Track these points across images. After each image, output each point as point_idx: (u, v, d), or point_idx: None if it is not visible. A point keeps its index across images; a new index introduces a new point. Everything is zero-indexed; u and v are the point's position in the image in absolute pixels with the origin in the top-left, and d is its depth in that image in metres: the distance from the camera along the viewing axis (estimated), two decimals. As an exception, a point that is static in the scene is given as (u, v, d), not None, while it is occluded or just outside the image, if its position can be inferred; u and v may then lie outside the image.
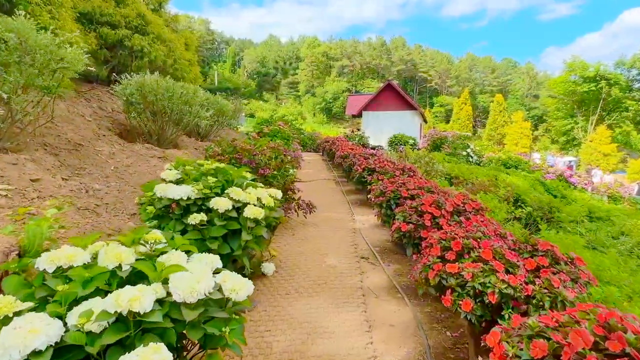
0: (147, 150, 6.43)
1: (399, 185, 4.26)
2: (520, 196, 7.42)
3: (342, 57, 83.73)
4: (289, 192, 5.56)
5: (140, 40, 9.30)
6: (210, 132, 10.65)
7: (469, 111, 51.33)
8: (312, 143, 21.45)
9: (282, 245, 4.81)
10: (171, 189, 3.12)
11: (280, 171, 5.24)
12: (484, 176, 10.16)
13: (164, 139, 7.28)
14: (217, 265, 2.11)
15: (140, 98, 6.71)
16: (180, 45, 11.43)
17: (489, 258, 2.05)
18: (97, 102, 7.93)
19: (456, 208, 3.15)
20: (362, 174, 6.60)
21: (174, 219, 3.16)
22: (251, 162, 4.97)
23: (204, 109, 7.78)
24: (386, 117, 24.17)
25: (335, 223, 5.82)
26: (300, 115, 61.85)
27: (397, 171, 5.51)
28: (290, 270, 4.01)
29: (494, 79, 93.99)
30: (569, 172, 16.52)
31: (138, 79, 6.74)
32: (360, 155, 7.82)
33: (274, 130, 9.79)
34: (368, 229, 5.57)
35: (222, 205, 3.03)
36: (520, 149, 33.71)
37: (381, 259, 4.24)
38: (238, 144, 4.83)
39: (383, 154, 8.55)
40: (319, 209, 6.47)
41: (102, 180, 4.78)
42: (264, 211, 3.24)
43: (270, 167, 5.16)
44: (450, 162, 14.47)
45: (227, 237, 3.18)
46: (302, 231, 5.41)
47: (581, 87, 35.43)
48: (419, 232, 3.14)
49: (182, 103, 7.04)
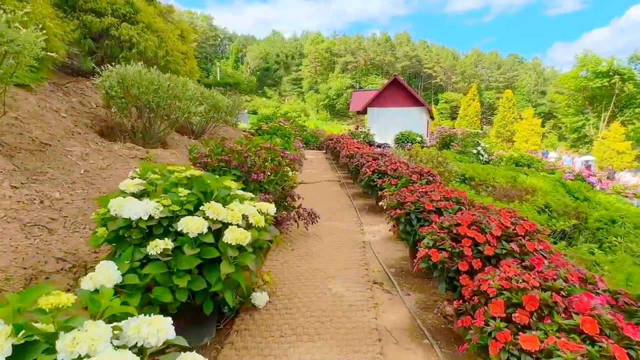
0: (127, 150, 5.68)
1: (421, 194, 3.49)
2: (549, 204, 6.61)
3: (345, 53, 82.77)
4: (288, 200, 4.81)
5: (129, 29, 8.53)
6: (206, 129, 9.90)
7: (477, 107, 50.19)
8: (315, 141, 20.69)
9: (278, 264, 4.06)
10: (128, 205, 2.37)
11: (278, 175, 4.48)
12: (501, 177, 9.34)
13: (149, 137, 6.54)
14: (168, 336, 1.38)
15: (122, 91, 5.97)
16: (174, 36, 10.64)
17: (594, 331, 1.29)
18: (79, 96, 7.18)
19: (505, 231, 2.37)
20: (372, 177, 5.83)
21: (132, 244, 2.42)
22: (242, 165, 4.21)
23: (195, 104, 7.02)
24: (392, 114, 23.32)
25: (341, 235, 5.05)
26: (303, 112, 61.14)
27: (414, 175, 4.72)
28: (287, 300, 3.25)
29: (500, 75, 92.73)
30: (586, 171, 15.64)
31: (119, 69, 5.99)
32: (368, 155, 7.03)
33: (273, 127, 9.02)
34: (380, 242, 4.80)
35: (194, 228, 2.29)
36: (530, 146, 32.66)
37: (398, 285, 3.47)
38: (228, 144, 4.08)
39: (393, 153, 7.75)
40: (323, 217, 5.71)
41: (65, 187, 4.04)
42: (251, 233, 2.49)
43: (265, 170, 4.40)
44: (462, 161, 13.64)
45: (203, 267, 2.44)
46: (302, 245, 4.65)
47: (593, 83, 34.28)
48: (455, 263, 2.37)
49: (170, 97, 6.28)
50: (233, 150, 4.03)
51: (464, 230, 2.44)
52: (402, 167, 5.77)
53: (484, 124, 65.98)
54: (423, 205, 3.31)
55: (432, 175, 4.79)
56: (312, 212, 4.81)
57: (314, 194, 7.62)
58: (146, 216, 2.35)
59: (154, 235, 2.41)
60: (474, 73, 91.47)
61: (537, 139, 36.02)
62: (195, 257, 2.35)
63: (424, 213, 3.30)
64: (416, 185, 3.81)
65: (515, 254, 2.28)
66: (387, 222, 5.54)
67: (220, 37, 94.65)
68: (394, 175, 5.21)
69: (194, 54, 16.79)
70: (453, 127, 37.20)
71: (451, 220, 2.66)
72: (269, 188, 4.32)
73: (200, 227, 2.30)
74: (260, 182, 4.24)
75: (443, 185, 4.96)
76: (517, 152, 21.13)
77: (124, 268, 2.26)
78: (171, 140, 7.73)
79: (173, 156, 6.33)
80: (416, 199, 3.45)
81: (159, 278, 2.32)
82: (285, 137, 9.10)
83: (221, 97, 9.47)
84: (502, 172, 10.15)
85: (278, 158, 4.47)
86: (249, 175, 4.19)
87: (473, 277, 2.31)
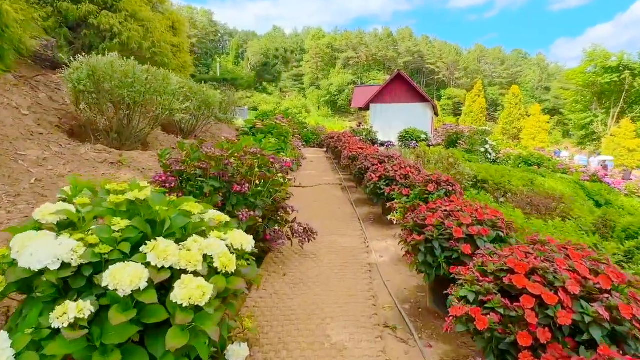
0: (96, 153, 4.94)
1: (445, 215, 2.73)
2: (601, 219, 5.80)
3: (347, 49, 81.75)
4: (280, 213, 4.06)
5: (110, 18, 7.78)
6: (196, 127, 9.15)
7: (482, 104, 49.05)
8: (315, 138, 19.94)
9: (266, 296, 3.31)
10: (31, 247, 1.64)
11: (267, 186, 3.73)
12: (517, 180, 8.56)
13: (126, 138, 5.79)
14: None
15: (93, 85, 5.22)
16: (162, 27, 9.87)
17: None
18: (50, 91, 6.43)
19: (584, 286, 1.62)
20: (378, 184, 5.07)
21: (41, 302, 1.69)
22: (223, 174, 3.46)
23: (179, 99, 6.27)
24: (396, 110, 22.49)
25: (343, 253, 4.29)
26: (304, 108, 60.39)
27: (430, 185, 3.96)
28: (272, 353, 2.51)
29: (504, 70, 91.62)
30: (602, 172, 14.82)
31: (89, 60, 5.24)
32: (373, 158, 6.27)
33: (268, 125, 8.24)
34: (389, 264, 4.04)
35: (125, 282, 1.55)
36: (538, 143, 31.70)
37: (416, 330, 2.73)
38: (206, 148, 3.33)
39: (401, 155, 6.99)
40: (322, 229, 4.97)
41: (5, 202, 3.30)
42: (216, 283, 1.76)
43: (252, 179, 3.66)
44: (471, 160, 12.87)
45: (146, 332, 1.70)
46: (297, 268, 3.91)
47: (602, 78, 33.26)
48: (510, 332, 1.62)
49: (149, 92, 5.53)
50: (210, 157, 3.27)
51: (522, 282, 1.68)
52: (413, 172, 5.01)
53: (487, 121, 65.11)
54: (450, 232, 2.55)
55: (451, 185, 4.02)
56: (309, 228, 4.06)
57: (312, 199, 6.87)
58: (56, 264, 1.61)
59: (73, 289, 1.69)
60: (477, 69, 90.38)
61: (544, 136, 34.96)
62: (130, 325, 1.60)
63: (451, 241, 2.54)
64: (438, 202, 3.04)
65: (605, 323, 1.53)
66: (396, 237, 4.81)
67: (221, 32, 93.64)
68: (405, 183, 4.44)
69: (194, 49, 15.94)
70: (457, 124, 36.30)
71: (497, 262, 1.90)
72: (255, 201, 3.57)
73: (135, 280, 1.56)
74: (244, 194, 3.49)
75: (463, 194, 4.21)
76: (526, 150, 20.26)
77: (20, 343, 1.54)
78: (154, 140, 6.98)
79: (152, 159, 5.58)
80: (439, 221, 2.69)
81: (77, 355, 1.58)
82: (282, 137, 8.34)
83: (212, 92, 8.71)
84: (518, 173, 9.36)
85: (267, 165, 3.72)
86: (231, 187, 3.44)
87: (537, 353, 1.58)
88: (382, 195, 4.97)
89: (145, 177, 4.85)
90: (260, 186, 3.75)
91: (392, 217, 4.20)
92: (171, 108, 6.02)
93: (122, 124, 5.66)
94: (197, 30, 77.46)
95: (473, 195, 5.22)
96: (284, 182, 4.15)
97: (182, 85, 7.76)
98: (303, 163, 11.08)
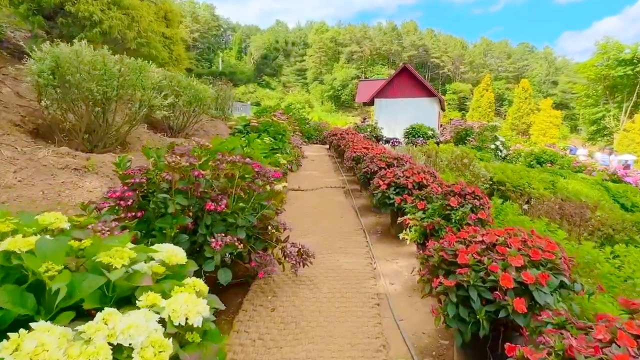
0: (58, 157, 4.24)
1: (483, 250, 2.01)
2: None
3: (351, 43, 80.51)
4: (270, 231, 3.34)
5: (89, 5, 7.05)
6: (187, 124, 8.43)
7: (491, 98, 47.68)
8: (318, 135, 19.19)
9: (247, 343, 2.61)
10: None
11: (251, 201, 3.01)
12: (538, 182, 7.78)
13: (99, 138, 5.09)
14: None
15: (57, 78, 4.51)
16: (150, 15, 9.11)
17: None
18: (15, 85, 5.74)
19: None
20: (387, 192, 4.34)
21: None
22: (195, 187, 2.75)
23: (162, 94, 5.55)
24: (402, 105, 21.64)
25: (346, 279, 3.57)
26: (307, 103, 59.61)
27: (452, 198, 3.22)
28: None
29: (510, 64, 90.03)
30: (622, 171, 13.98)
31: (52, 49, 4.53)
32: (380, 160, 5.53)
33: (264, 123, 7.50)
34: (402, 295, 3.32)
35: None
36: (548, 139, 30.66)
37: (443, 405, 2.01)
38: (174, 156, 2.62)
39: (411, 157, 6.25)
40: (321, 246, 4.28)
41: None
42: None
43: (233, 192, 2.94)
44: (483, 159, 12.07)
45: None
46: (288, 300, 3.19)
47: (615, 71, 32.10)
48: None
49: (123, 86, 4.82)
50: (175, 167, 2.55)
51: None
52: (428, 179, 4.28)
53: (494, 116, 63.92)
54: (494, 278, 1.82)
55: (477, 198, 3.27)
56: (304, 250, 3.35)
57: (312, 206, 6.15)
58: None
59: None
60: (483, 63, 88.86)
61: (555, 131, 33.75)
62: None
63: (496, 292, 1.81)
64: (471, 230, 2.32)
65: None
66: (407, 255, 4.09)
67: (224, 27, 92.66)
68: (420, 195, 3.70)
69: (196, 43, 15.03)
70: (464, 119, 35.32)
71: (584, 350, 1.18)
72: (236, 221, 2.85)
73: None
74: (221, 212, 2.78)
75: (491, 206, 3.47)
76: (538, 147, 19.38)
77: None
78: (135, 140, 6.26)
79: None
80: (476, 260, 1.96)
81: None
82: (280, 135, 7.60)
83: (203, 87, 7.98)
84: (536, 174, 8.57)
85: (250, 175, 3.00)
86: (203, 204, 2.73)
87: None
88: (392, 205, 4.25)
89: (115, 184, 4.16)
90: (243, 201, 3.03)
91: (404, 235, 3.48)
92: (151, 104, 5.32)
93: (93, 122, 4.96)
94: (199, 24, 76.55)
95: (497, 205, 4.48)
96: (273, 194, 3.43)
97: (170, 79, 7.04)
98: (303, 162, 10.36)
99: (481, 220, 3.11)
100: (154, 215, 2.76)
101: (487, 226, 3.25)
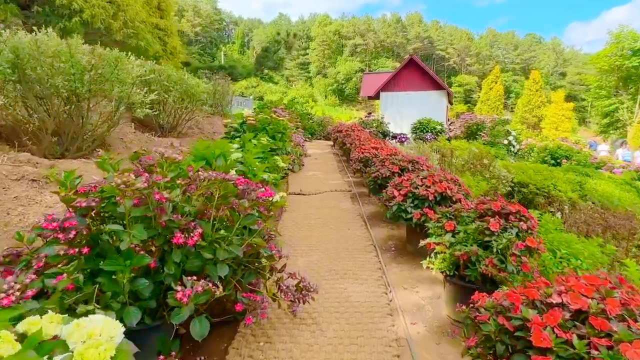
0: (14, 165, 3.59)
1: (568, 318, 1.32)
2: None
3: (354, 36, 79.28)
4: (261, 258, 2.68)
5: (68, -9, 6.39)
6: (179, 122, 7.77)
7: (500, 91, 46.34)
8: (322, 130, 18.48)
9: None
10: None
11: (235, 228, 2.34)
12: (564, 183, 7.05)
13: (71, 141, 4.44)
14: None
15: (16, 72, 3.86)
16: (139, 5, 8.39)
17: None
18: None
19: None
20: (403, 205, 3.66)
21: None
22: (159, 214, 2.09)
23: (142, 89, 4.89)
24: (409, 99, 20.83)
25: (356, 316, 2.90)
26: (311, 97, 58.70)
27: (492, 220, 2.54)
28: None
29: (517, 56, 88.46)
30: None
31: (9, 39, 3.87)
32: (392, 164, 4.84)
33: (262, 121, 6.81)
34: (428, 340, 2.64)
35: None
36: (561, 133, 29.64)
37: None
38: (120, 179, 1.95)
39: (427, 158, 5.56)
40: (324, 269, 3.63)
41: None
42: None
43: (210, 216, 2.28)
44: (497, 156, 11.32)
45: None
46: (284, 349, 2.53)
47: (630, 62, 30.91)
48: None
49: (96, 81, 4.16)
50: (122, 190, 1.89)
51: None
52: (453, 188, 3.59)
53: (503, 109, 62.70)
54: None
55: (524, 219, 2.59)
56: (305, 285, 2.68)
57: (314, 214, 5.49)
58: None
59: None
60: (489, 54, 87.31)
61: (568, 125, 32.56)
62: None
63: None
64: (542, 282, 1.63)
65: None
66: (430, 281, 3.42)
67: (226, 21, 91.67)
68: (448, 213, 3.01)
69: (198, 37, 14.22)
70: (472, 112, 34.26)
71: None
72: (214, 256, 2.19)
73: None
74: (194, 245, 2.12)
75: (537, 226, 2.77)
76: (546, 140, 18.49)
77: None
78: (117, 141, 5.60)
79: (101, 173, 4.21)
80: (560, 341, 1.29)
81: None
82: (279, 134, 6.92)
83: (196, 81, 7.30)
84: (561, 174, 7.82)
85: (233, 193, 2.33)
86: (171, 235, 2.07)
87: None
88: (409, 220, 3.58)
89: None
90: (226, 227, 2.37)
91: (428, 264, 2.81)
92: (131, 101, 4.67)
93: (64, 122, 4.32)
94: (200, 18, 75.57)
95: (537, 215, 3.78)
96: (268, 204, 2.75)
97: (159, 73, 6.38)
98: (306, 161, 9.68)
99: (530, 250, 2.43)
100: (111, 248, 2.12)
101: (535, 254, 2.57)
